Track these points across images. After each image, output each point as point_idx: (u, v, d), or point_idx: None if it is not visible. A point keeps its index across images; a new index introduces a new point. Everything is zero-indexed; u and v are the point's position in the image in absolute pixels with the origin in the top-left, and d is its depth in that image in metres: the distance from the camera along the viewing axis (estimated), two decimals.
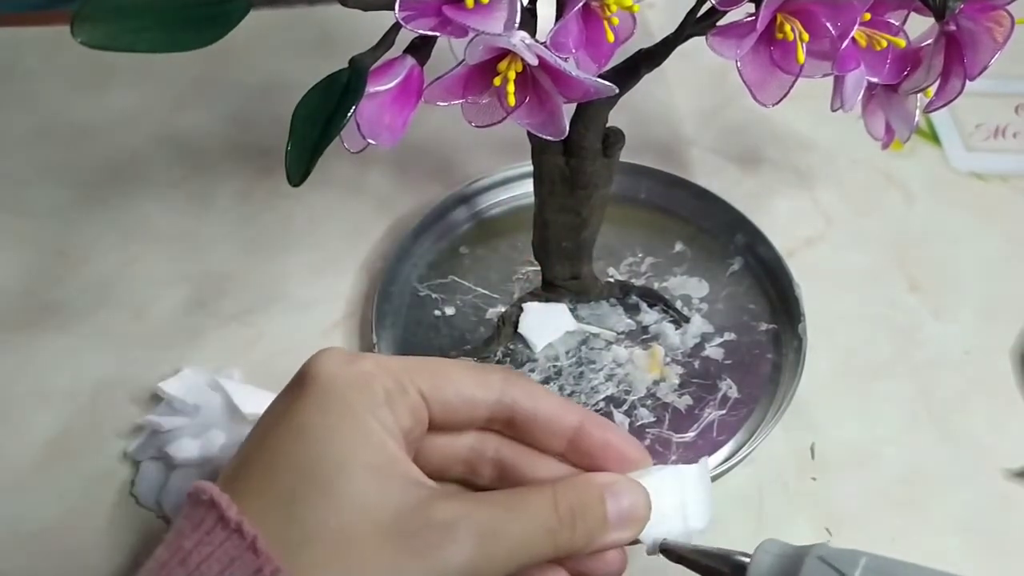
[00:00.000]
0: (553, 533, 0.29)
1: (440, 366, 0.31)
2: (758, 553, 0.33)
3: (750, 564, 0.33)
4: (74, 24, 0.33)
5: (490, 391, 0.31)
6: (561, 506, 0.30)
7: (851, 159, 0.65)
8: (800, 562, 0.32)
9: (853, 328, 0.55)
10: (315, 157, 0.35)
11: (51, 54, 0.72)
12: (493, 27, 0.35)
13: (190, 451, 0.46)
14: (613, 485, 0.31)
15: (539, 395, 0.32)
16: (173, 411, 0.49)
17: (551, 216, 0.48)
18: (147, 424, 0.48)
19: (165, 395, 0.49)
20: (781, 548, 0.33)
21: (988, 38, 0.39)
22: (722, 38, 0.38)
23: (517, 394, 0.31)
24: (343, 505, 0.27)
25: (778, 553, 0.33)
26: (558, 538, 0.30)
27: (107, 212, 0.61)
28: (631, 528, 0.32)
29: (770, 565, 0.33)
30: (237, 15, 0.35)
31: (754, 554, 0.33)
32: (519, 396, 0.31)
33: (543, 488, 0.30)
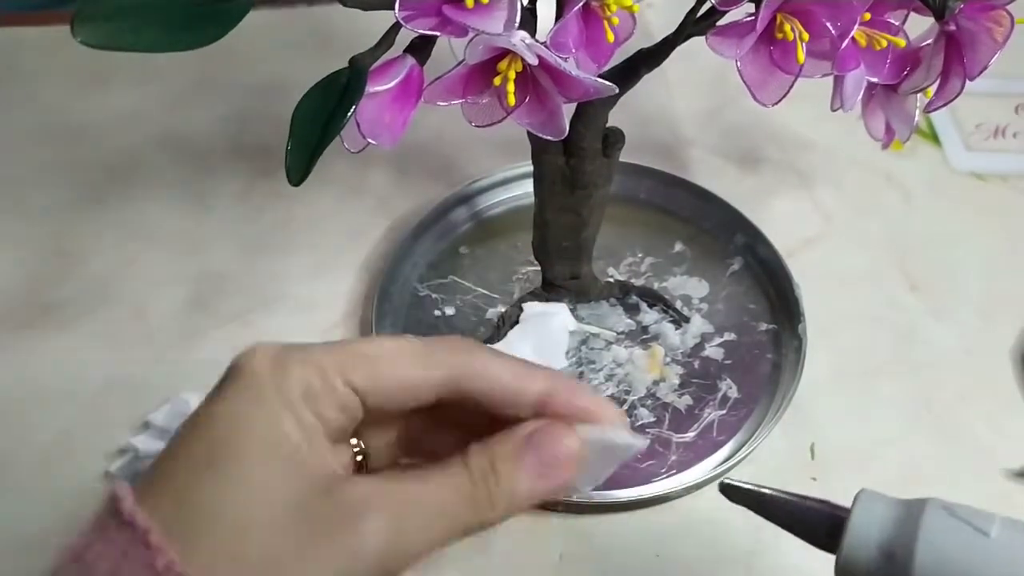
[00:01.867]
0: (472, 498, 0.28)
1: (377, 352, 0.29)
2: (861, 503, 0.29)
3: (851, 516, 0.29)
4: (74, 24, 0.33)
5: (435, 370, 0.29)
6: (473, 466, 0.28)
7: (851, 159, 0.65)
8: (919, 513, 0.28)
9: (853, 328, 0.55)
10: (315, 157, 0.36)
11: (51, 54, 0.72)
12: (493, 27, 0.35)
13: None
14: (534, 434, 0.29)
15: (493, 368, 0.29)
16: (156, 437, 0.48)
17: (551, 216, 0.48)
18: (128, 447, 0.48)
19: (151, 422, 0.49)
20: (887, 499, 0.29)
21: (988, 38, 0.39)
22: (722, 38, 0.38)
23: (467, 370, 0.29)
24: (240, 491, 0.26)
25: (886, 504, 0.29)
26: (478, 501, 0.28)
27: (107, 212, 0.61)
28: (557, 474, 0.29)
29: (881, 515, 0.29)
30: (237, 15, 0.35)
31: (855, 505, 0.29)
32: (469, 372, 0.29)
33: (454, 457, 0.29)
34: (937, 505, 0.29)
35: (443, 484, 0.28)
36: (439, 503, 0.28)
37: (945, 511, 0.28)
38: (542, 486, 0.29)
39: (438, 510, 0.28)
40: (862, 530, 0.29)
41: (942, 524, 0.28)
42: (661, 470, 0.48)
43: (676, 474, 0.48)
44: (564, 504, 0.47)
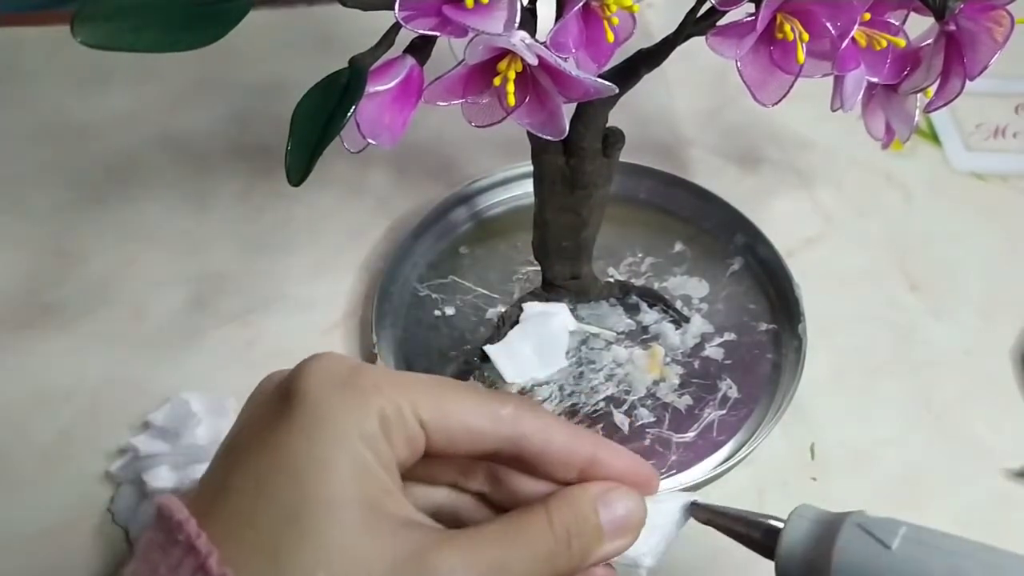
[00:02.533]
0: (552, 556, 0.28)
1: (446, 391, 0.28)
2: (793, 518, 0.32)
3: (784, 529, 0.32)
4: (74, 24, 0.33)
5: (500, 426, 0.29)
6: (556, 526, 0.29)
7: (851, 159, 0.65)
8: (836, 528, 0.31)
9: (853, 328, 0.55)
10: (315, 157, 0.35)
11: (51, 54, 0.72)
12: (493, 27, 0.35)
13: (166, 480, 0.45)
14: (606, 494, 0.30)
15: (552, 431, 0.29)
16: (156, 437, 0.48)
17: (551, 216, 0.48)
18: (128, 447, 0.48)
19: (151, 422, 0.49)
20: (816, 513, 0.32)
21: (988, 38, 0.39)
22: (722, 38, 0.38)
23: (528, 430, 0.29)
24: (333, 557, 0.25)
25: (813, 519, 0.32)
26: (557, 561, 0.28)
27: (107, 212, 0.61)
28: (626, 537, 0.30)
29: (806, 531, 0.31)
30: (237, 15, 0.35)
31: (788, 519, 0.32)
32: (530, 432, 0.29)
33: (535, 511, 0.29)
34: (854, 520, 0.31)
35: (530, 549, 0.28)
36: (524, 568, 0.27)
37: (858, 526, 0.31)
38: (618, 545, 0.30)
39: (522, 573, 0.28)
40: (790, 546, 0.32)
41: (853, 538, 0.30)
42: (661, 470, 0.48)
43: (676, 474, 0.48)
44: None
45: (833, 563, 0.30)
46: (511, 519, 0.29)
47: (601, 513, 0.30)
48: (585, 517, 0.29)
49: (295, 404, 0.26)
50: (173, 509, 0.25)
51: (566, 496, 0.30)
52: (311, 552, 0.24)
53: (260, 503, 0.25)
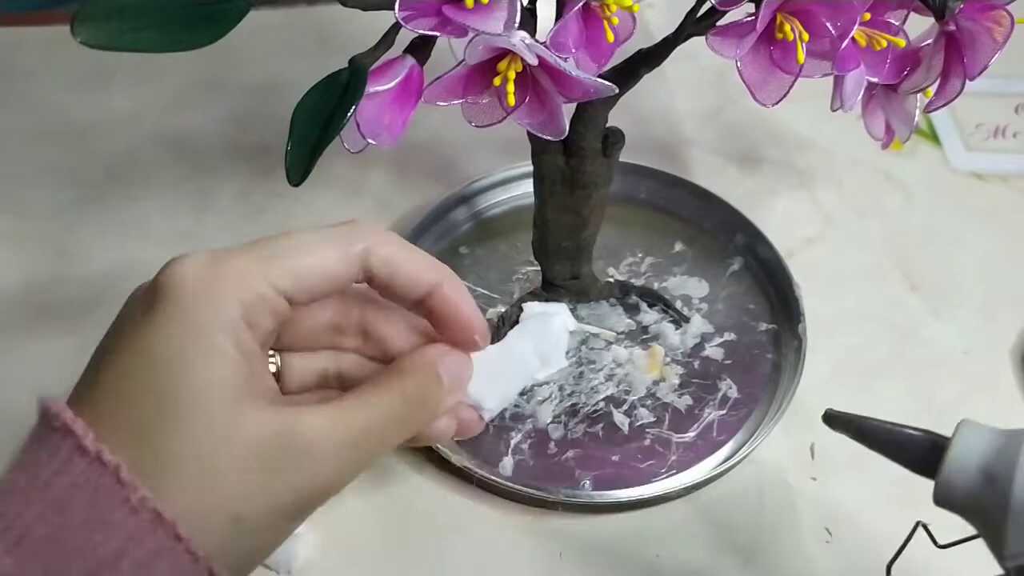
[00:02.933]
0: (405, 419, 0.32)
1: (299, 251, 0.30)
2: (962, 431, 0.31)
3: (953, 441, 0.31)
4: (74, 24, 0.33)
5: (352, 265, 0.31)
6: (409, 393, 0.32)
7: (851, 159, 0.65)
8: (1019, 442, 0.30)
9: (853, 328, 0.55)
10: (315, 157, 0.36)
11: (51, 54, 0.72)
12: (493, 27, 0.35)
13: None
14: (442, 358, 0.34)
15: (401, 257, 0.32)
16: None
17: (551, 216, 0.48)
18: None
19: None
20: (987, 428, 0.31)
21: (988, 38, 0.39)
22: (722, 38, 0.38)
23: (377, 259, 0.32)
24: (199, 435, 0.27)
25: (986, 432, 0.31)
26: (410, 421, 0.32)
27: (107, 212, 0.61)
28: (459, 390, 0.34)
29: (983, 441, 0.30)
30: (237, 15, 0.35)
31: (956, 432, 0.31)
32: (378, 261, 0.32)
33: (390, 382, 0.32)
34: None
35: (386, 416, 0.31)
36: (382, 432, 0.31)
37: None
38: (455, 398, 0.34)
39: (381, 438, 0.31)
40: (963, 455, 0.31)
41: None
42: (661, 470, 0.48)
43: (676, 474, 0.48)
44: (564, 504, 0.47)
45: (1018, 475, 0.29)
46: (368, 389, 0.32)
47: (442, 373, 0.33)
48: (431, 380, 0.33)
49: (157, 303, 0.28)
50: (49, 403, 0.28)
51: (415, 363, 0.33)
52: (179, 435, 0.27)
53: (129, 394, 0.28)
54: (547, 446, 0.49)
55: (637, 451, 0.49)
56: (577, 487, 0.47)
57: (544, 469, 0.48)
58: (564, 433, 0.49)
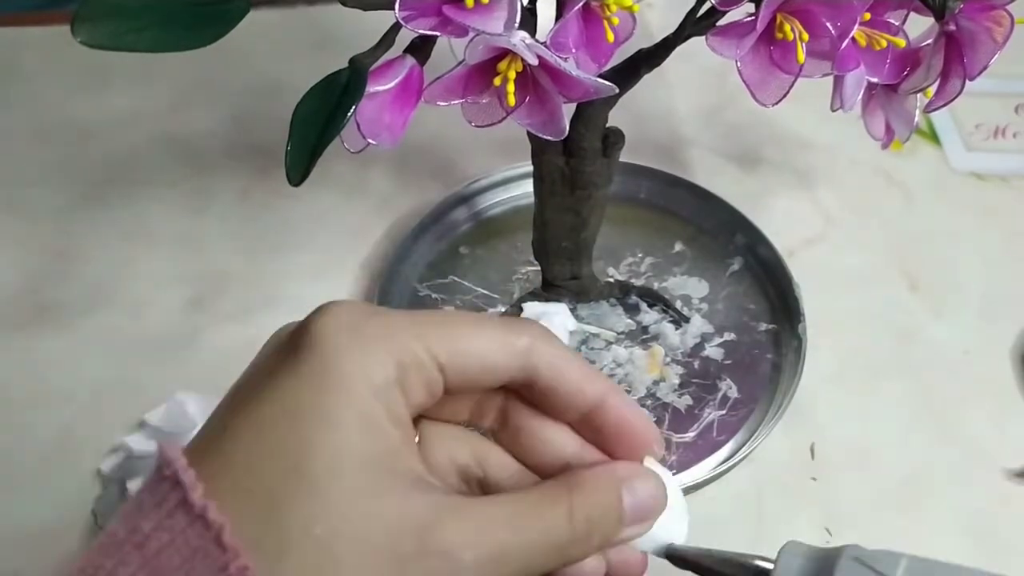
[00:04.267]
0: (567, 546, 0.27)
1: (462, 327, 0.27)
2: (783, 556, 0.30)
3: (775, 570, 0.30)
4: (74, 24, 0.33)
5: (515, 358, 0.27)
6: (577, 518, 0.27)
7: (851, 159, 0.65)
8: (832, 564, 0.29)
9: (853, 328, 0.55)
10: (315, 157, 0.35)
11: (51, 54, 0.72)
12: (493, 27, 0.35)
13: None
14: (631, 480, 0.28)
15: (565, 364, 0.28)
16: (150, 436, 0.48)
17: (551, 216, 0.48)
18: (120, 446, 0.48)
19: (146, 422, 0.49)
20: (808, 550, 0.30)
21: (988, 38, 0.39)
22: (722, 38, 0.38)
23: (542, 361, 0.28)
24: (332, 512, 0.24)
25: (805, 555, 0.30)
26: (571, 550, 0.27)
27: (107, 212, 0.61)
28: (645, 523, 0.29)
29: (798, 569, 0.30)
30: (237, 15, 0.35)
31: (778, 557, 0.30)
32: (544, 364, 0.28)
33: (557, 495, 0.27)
34: (851, 554, 0.29)
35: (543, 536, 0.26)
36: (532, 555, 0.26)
37: (856, 560, 0.29)
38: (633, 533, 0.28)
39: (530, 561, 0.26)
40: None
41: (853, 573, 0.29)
42: None
43: (676, 474, 0.48)
44: None
45: None
46: (528, 498, 0.27)
47: (625, 499, 0.28)
48: (609, 506, 0.28)
49: (303, 352, 0.25)
50: (166, 448, 0.24)
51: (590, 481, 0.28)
52: (309, 505, 0.23)
53: (259, 450, 0.24)
54: None
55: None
56: None
57: None
58: None
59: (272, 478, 0.24)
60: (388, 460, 0.25)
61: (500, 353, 0.27)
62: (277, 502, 0.23)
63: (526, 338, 0.28)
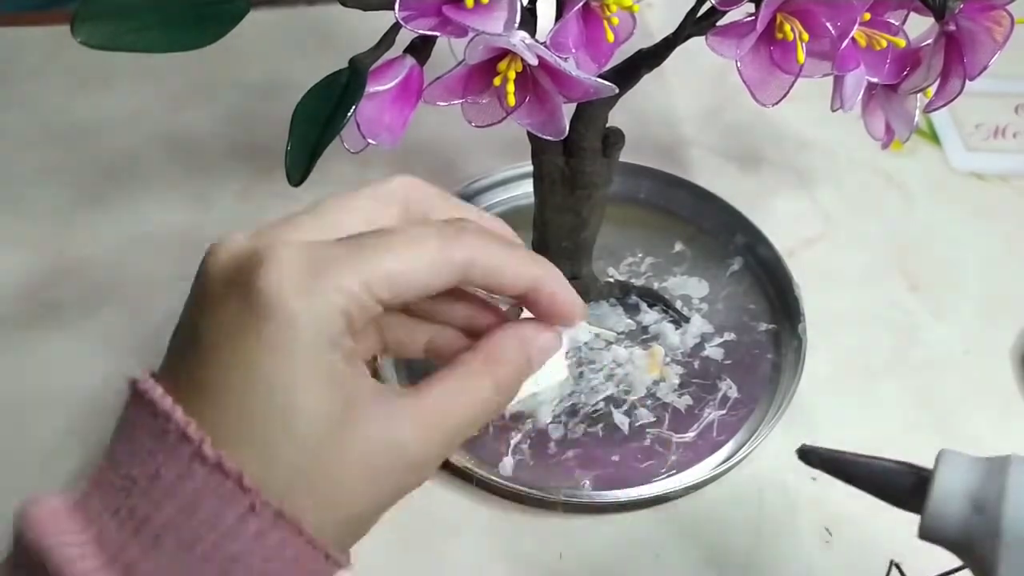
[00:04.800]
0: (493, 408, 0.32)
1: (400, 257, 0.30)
2: (945, 461, 0.30)
3: (936, 473, 0.30)
4: (74, 24, 0.34)
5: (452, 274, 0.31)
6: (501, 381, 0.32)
7: (851, 159, 0.65)
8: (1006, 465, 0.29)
9: (853, 328, 0.55)
10: (315, 157, 0.36)
11: (51, 54, 0.72)
12: (493, 27, 0.35)
13: None
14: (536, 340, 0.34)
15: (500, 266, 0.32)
16: None
17: (551, 216, 0.48)
18: None
19: None
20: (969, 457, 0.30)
21: (988, 38, 0.39)
22: (722, 38, 0.38)
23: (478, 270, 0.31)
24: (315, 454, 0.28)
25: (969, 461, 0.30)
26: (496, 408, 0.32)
27: (107, 212, 0.61)
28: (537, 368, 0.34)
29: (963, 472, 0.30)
30: (237, 15, 0.35)
31: (938, 463, 0.30)
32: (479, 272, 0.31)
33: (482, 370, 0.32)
34: (1021, 459, 0.29)
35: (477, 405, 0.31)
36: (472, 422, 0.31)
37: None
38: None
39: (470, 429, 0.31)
40: (948, 486, 0.30)
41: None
42: (661, 470, 0.48)
43: (676, 474, 0.48)
44: (564, 504, 0.47)
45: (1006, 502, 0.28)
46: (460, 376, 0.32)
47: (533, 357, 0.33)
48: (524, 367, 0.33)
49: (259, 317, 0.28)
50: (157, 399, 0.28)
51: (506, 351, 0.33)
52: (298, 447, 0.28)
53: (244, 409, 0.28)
54: (547, 446, 0.49)
55: (637, 451, 0.49)
56: (577, 487, 0.47)
57: (544, 469, 0.48)
58: (564, 433, 0.49)
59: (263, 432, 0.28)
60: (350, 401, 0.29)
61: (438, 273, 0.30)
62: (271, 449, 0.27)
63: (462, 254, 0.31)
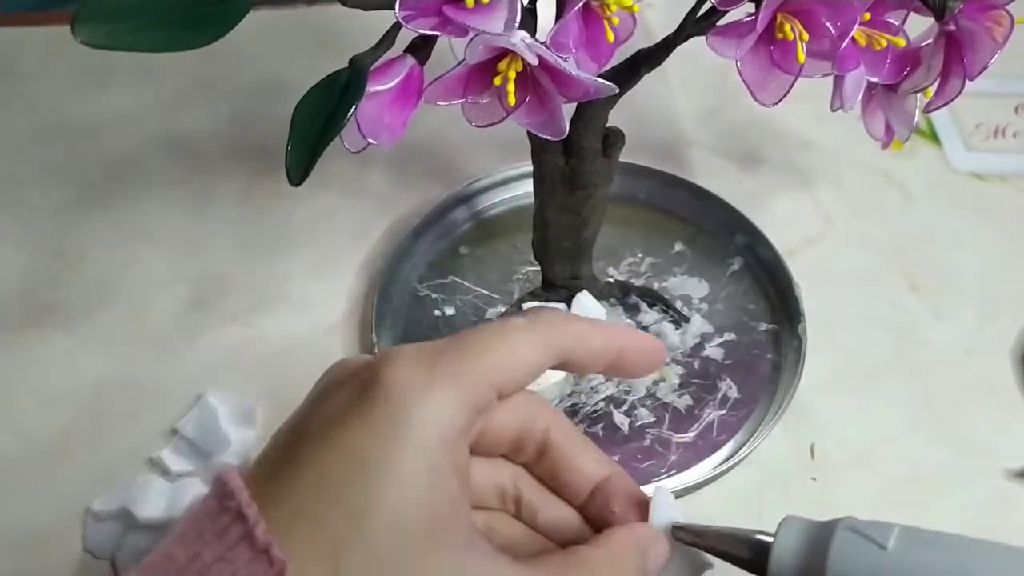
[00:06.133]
0: None
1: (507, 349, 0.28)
2: (782, 530, 0.32)
3: (774, 541, 0.31)
4: (74, 24, 0.33)
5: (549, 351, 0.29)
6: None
7: (851, 159, 0.65)
8: (829, 534, 0.30)
9: (853, 328, 0.55)
10: (315, 157, 0.36)
11: (51, 54, 0.72)
12: (493, 27, 0.35)
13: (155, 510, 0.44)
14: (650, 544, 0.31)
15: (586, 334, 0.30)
16: (183, 454, 0.48)
17: (551, 216, 0.48)
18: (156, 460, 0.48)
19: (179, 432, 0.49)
20: (805, 523, 0.32)
21: (988, 38, 0.39)
22: (722, 38, 0.38)
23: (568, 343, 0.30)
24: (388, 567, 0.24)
25: (803, 528, 0.31)
26: None
27: (107, 212, 0.61)
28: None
29: (797, 540, 0.31)
30: (237, 15, 0.35)
31: (778, 532, 0.32)
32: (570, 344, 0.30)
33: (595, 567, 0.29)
34: (846, 525, 0.31)
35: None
36: None
37: (851, 530, 0.30)
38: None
39: None
40: (783, 558, 0.31)
41: (848, 542, 0.30)
42: (661, 470, 0.48)
43: (676, 474, 0.48)
44: None
45: (829, 569, 0.30)
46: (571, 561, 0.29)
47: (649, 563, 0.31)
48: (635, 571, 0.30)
49: (373, 401, 0.25)
50: (229, 478, 0.25)
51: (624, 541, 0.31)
52: (369, 559, 0.24)
53: (321, 495, 0.25)
54: None
55: (637, 451, 0.49)
56: None
57: None
58: None
59: (332, 526, 0.24)
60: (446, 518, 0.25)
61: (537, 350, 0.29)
62: (339, 552, 0.24)
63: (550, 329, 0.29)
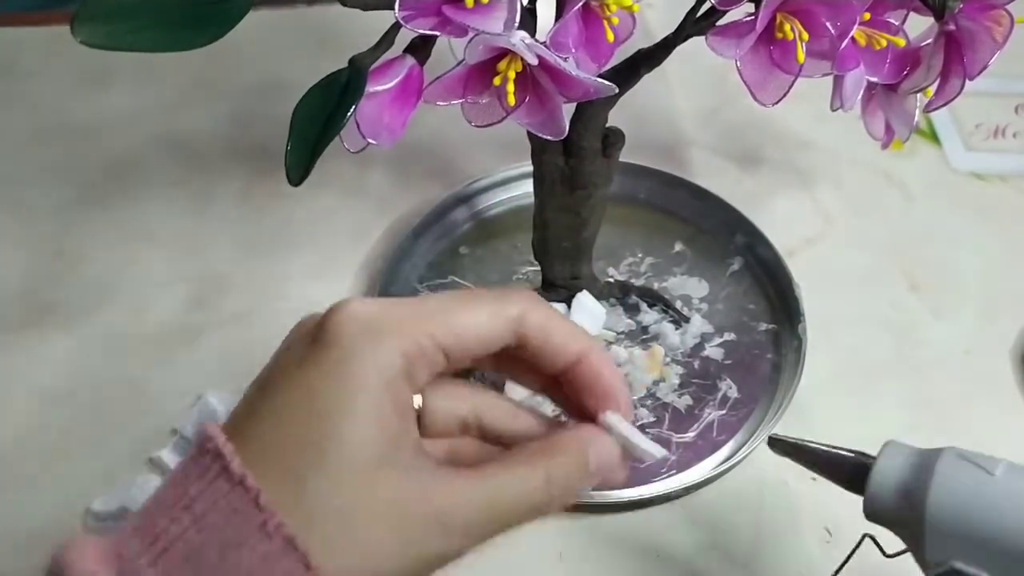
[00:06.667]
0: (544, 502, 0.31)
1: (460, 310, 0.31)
2: (885, 452, 0.33)
3: (877, 459, 0.32)
4: (74, 24, 0.34)
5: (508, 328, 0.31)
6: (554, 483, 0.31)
7: (851, 159, 0.65)
8: (935, 458, 0.31)
9: (853, 328, 0.55)
10: (315, 157, 0.36)
11: (51, 54, 0.72)
12: (493, 27, 0.35)
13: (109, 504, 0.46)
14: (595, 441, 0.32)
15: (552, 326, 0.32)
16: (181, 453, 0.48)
17: (551, 216, 0.48)
18: (156, 460, 0.48)
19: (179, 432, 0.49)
20: (909, 448, 0.33)
21: (987, 38, 0.39)
22: (721, 38, 0.38)
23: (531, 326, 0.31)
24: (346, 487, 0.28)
25: (908, 451, 0.32)
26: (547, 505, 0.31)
27: (107, 212, 0.61)
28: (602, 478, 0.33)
29: (899, 463, 0.32)
30: (237, 14, 0.35)
31: (880, 453, 0.33)
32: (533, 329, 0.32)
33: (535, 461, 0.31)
34: (952, 452, 0.32)
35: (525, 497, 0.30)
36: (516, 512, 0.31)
37: (957, 456, 0.32)
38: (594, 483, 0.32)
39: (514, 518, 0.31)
40: (884, 475, 0.33)
41: (953, 466, 0.32)
42: (661, 470, 0.48)
43: (676, 474, 0.48)
44: None
45: (932, 491, 0.31)
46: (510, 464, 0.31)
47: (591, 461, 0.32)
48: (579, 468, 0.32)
49: (323, 347, 0.29)
50: (208, 426, 0.28)
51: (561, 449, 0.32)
52: (329, 480, 0.27)
53: (285, 432, 0.28)
54: None
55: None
56: None
57: None
58: None
59: (297, 457, 0.28)
60: (391, 443, 0.29)
61: (495, 326, 0.31)
62: (301, 477, 0.28)
63: (516, 308, 0.31)
